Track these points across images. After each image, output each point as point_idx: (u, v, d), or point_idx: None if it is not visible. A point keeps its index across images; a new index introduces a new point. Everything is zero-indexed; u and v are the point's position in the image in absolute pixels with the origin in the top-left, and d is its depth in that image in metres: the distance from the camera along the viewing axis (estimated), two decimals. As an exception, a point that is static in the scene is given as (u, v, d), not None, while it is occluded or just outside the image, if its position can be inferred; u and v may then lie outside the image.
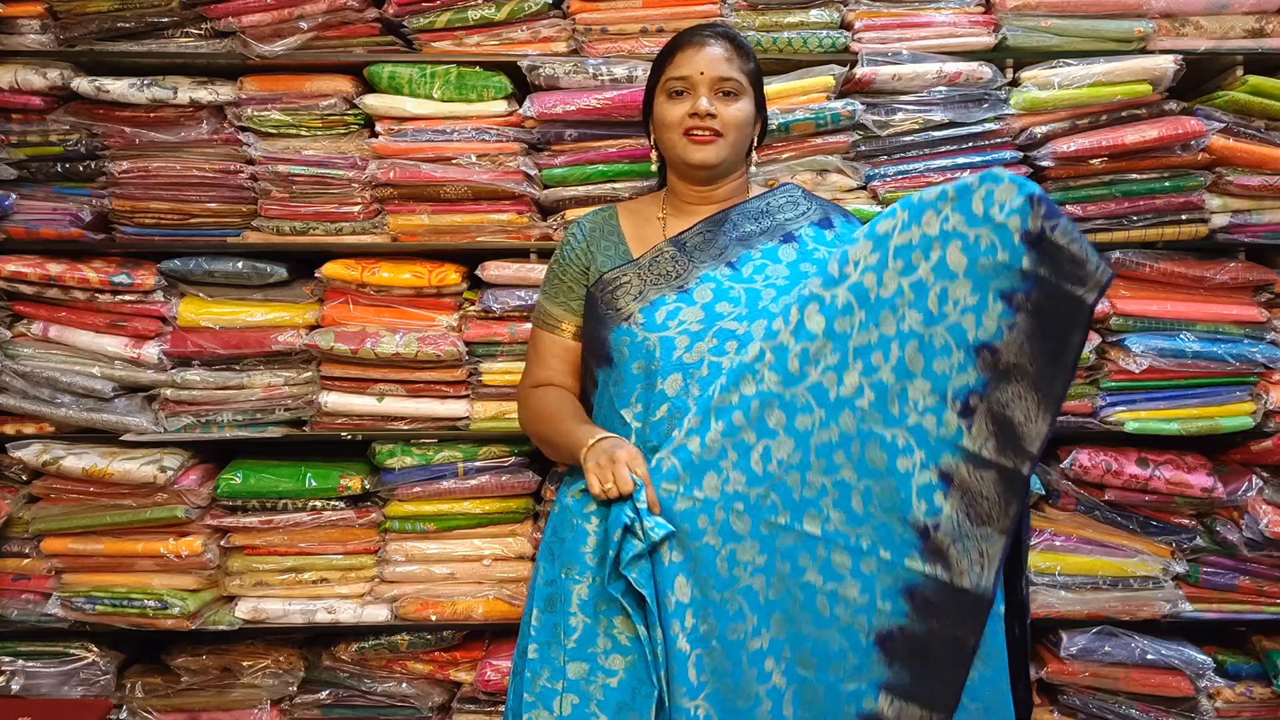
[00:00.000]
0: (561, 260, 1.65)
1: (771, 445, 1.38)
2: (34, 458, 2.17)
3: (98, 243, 2.19)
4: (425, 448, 2.21)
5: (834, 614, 1.38)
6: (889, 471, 1.35)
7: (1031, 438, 1.28)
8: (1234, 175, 2.10)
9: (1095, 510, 2.17)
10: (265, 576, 2.25)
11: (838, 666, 1.38)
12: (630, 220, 1.66)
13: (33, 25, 2.14)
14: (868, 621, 1.37)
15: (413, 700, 2.30)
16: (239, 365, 2.22)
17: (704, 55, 1.55)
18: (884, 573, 1.36)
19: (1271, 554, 2.18)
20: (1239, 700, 2.21)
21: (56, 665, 2.26)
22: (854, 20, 2.14)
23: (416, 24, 2.14)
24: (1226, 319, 2.14)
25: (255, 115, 2.15)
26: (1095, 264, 1.23)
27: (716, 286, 1.46)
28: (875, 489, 1.36)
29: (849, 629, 1.38)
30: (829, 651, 1.38)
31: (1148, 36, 2.12)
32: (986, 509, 1.31)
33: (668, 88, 1.58)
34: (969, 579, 1.31)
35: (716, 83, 1.54)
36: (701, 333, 1.45)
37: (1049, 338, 1.26)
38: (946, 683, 1.33)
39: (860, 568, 1.37)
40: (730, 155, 1.57)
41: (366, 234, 2.20)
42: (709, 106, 1.53)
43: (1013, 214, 1.25)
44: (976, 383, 1.30)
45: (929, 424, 1.33)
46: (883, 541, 1.36)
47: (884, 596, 1.36)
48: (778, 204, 1.62)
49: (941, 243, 1.30)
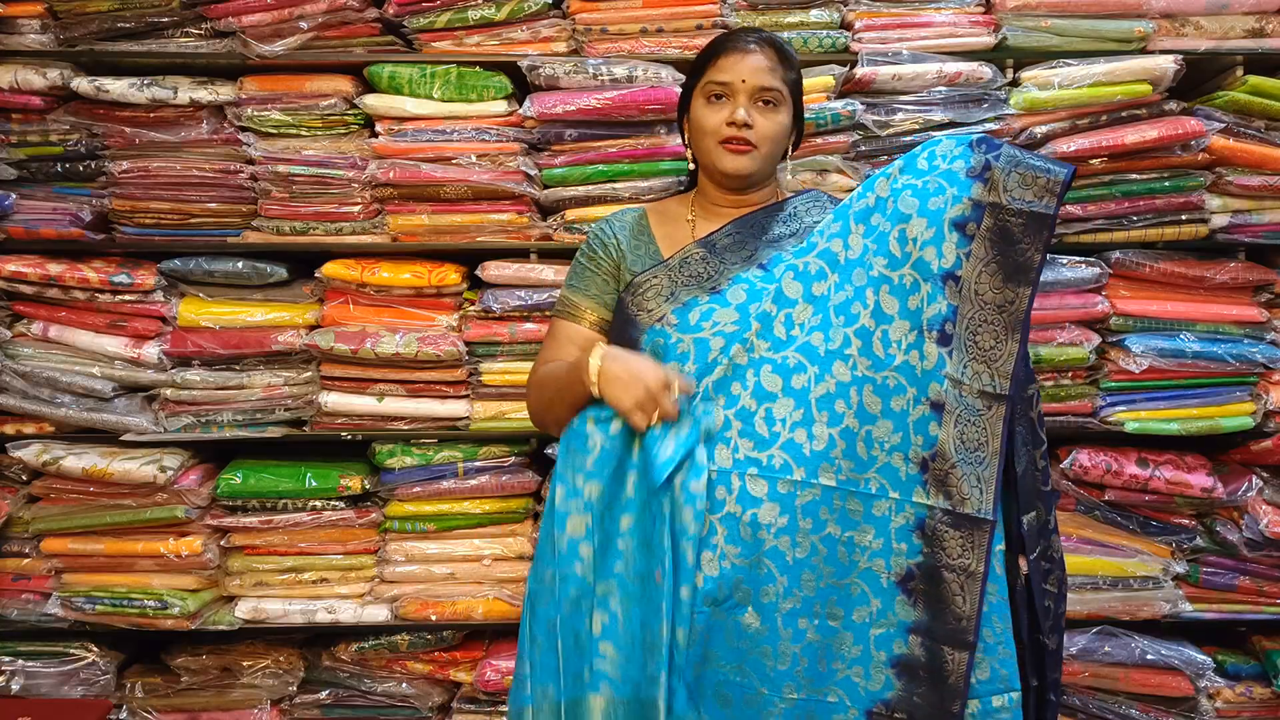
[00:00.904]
0: (591, 252, 1.61)
1: (773, 407, 1.40)
2: (34, 458, 2.17)
3: (98, 243, 2.19)
4: (425, 448, 2.21)
5: (854, 561, 1.40)
6: (885, 413, 1.40)
7: (1004, 358, 1.36)
8: (1234, 175, 2.10)
9: (1095, 510, 2.17)
10: (265, 576, 2.25)
11: (863, 612, 1.40)
12: (659, 221, 1.64)
13: (33, 25, 2.14)
14: (886, 564, 1.40)
15: (413, 700, 2.30)
16: (239, 365, 2.22)
17: (748, 63, 1.52)
18: (895, 513, 1.40)
19: (1271, 554, 2.18)
20: (1239, 700, 2.22)
21: (56, 665, 2.26)
22: (854, 20, 2.14)
23: (416, 24, 2.14)
24: (1226, 319, 2.14)
25: (255, 115, 2.15)
26: (1047, 174, 1.34)
27: (749, 288, 1.47)
28: (875, 432, 1.40)
29: (869, 573, 1.40)
30: (853, 599, 1.40)
31: (1148, 36, 2.13)
32: (976, 434, 1.37)
33: (707, 90, 1.55)
34: (971, 504, 1.36)
35: (758, 92, 1.52)
36: (737, 334, 1.45)
37: (1008, 261, 1.36)
38: (964, 616, 1.36)
39: (873, 511, 1.40)
40: (764, 166, 1.56)
41: (366, 234, 2.20)
42: (746, 116, 1.50)
43: (955, 159, 1.40)
44: (948, 310, 1.38)
45: (913, 359, 1.40)
46: (890, 483, 1.40)
47: (898, 537, 1.39)
48: (804, 207, 1.61)
49: (894, 198, 1.42)
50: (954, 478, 1.37)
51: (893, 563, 1.39)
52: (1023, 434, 1.43)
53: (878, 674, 1.39)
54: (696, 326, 1.46)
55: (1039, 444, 1.47)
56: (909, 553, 1.39)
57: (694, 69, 1.59)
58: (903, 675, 1.39)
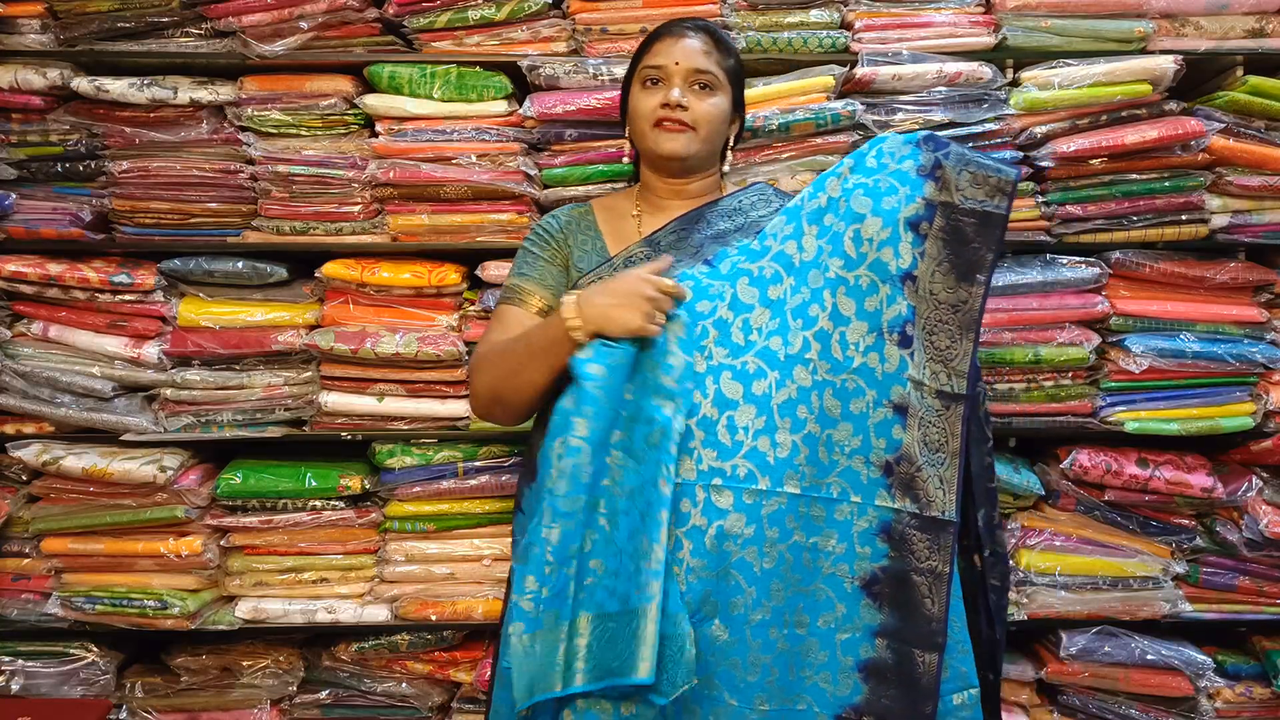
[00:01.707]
0: (541, 241, 1.59)
1: (734, 415, 1.38)
2: (34, 457, 2.17)
3: (98, 243, 2.19)
4: (425, 448, 2.21)
5: (818, 566, 1.39)
6: (845, 416, 1.39)
7: (959, 357, 1.37)
8: (1234, 175, 2.10)
9: (1095, 510, 2.17)
10: (265, 576, 2.25)
11: (828, 618, 1.39)
12: (606, 216, 1.64)
13: (33, 25, 2.14)
14: (850, 569, 1.39)
15: (413, 700, 2.30)
16: (239, 365, 2.22)
17: (680, 46, 1.53)
18: (858, 517, 1.39)
19: (1271, 554, 2.18)
20: (1239, 700, 2.22)
21: (56, 665, 2.26)
22: (854, 20, 2.14)
23: (416, 24, 2.14)
24: (1226, 319, 2.14)
25: (255, 115, 2.15)
26: (998, 174, 1.35)
27: (695, 285, 1.45)
28: (836, 436, 1.40)
29: (833, 578, 1.39)
30: (818, 605, 1.39)
31: (1148, 37, 2.12)
32: (938, 435, 1.38)
33: (642, 76, 1.56)
34: (936, 506, 1.37)
35: (691, 75, 1.52)
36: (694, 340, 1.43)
37: (960, 260, 1.37)
38: (933, 619, 1.36)
39: (835, 516, 1.39)
40: (701, 149, 1.55)
41: (366, 234, 2.20)
42: (680, 98, 1.51)
43: (905, 159, 1.40)
44: (908, 311, 1.39)
45: (872, 361, 1.39)
46: (852, 487, 1.39)
47: (861, 541, 1.39)
48: (750, 202, 1.61)
49: (845, 198, 1.41)
50: (920, 480, 1.37)
51: (856, 567, 1.39)
52: (975, 432, 1.43)
53: (845, 680, 1.38)
54: None
55: (985, 441, 1.47)
56: (872, 556, 1.39)
57: (632, 61, 1.60)
58: (871, 679, 1.38)
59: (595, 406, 1.30)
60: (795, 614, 1.39)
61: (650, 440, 1.34)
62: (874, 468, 1.39)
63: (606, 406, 1.32)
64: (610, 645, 1.31)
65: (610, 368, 1.32)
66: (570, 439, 1.29)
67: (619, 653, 1.31)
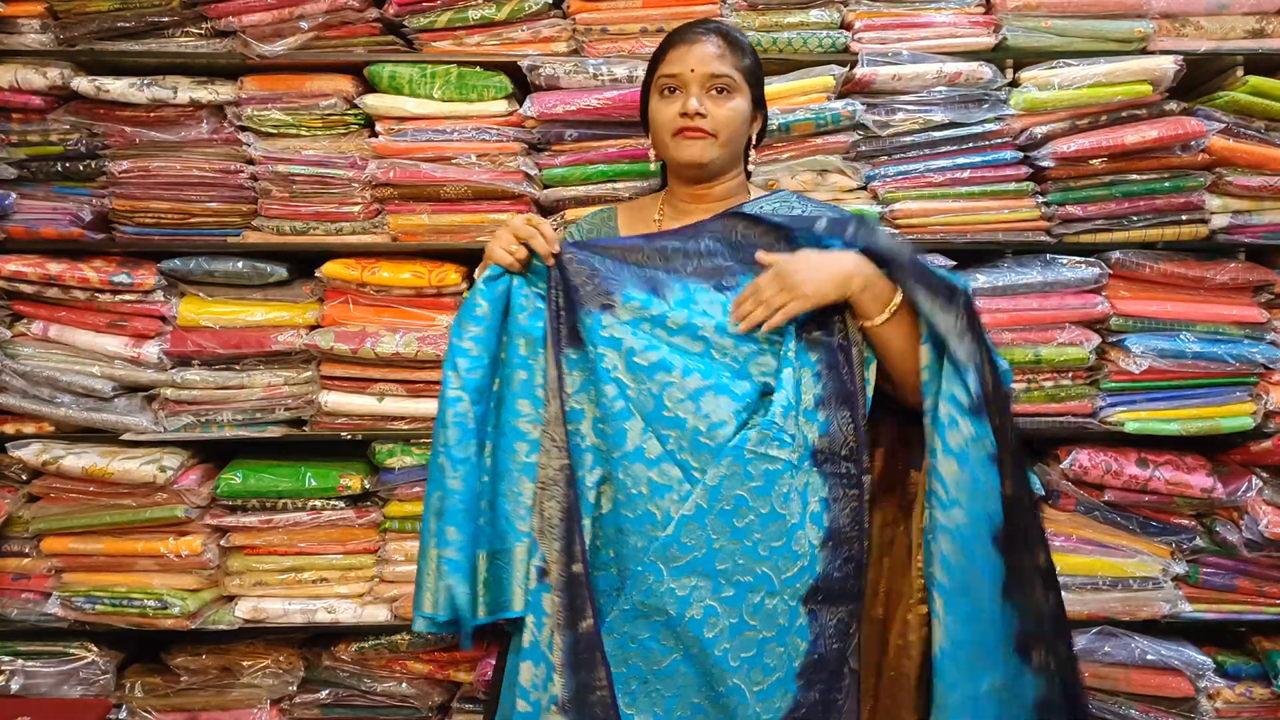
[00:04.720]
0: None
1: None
2: (34, 457, 2.17)
3: (98, 242, 2.19)
4: (425, 448, 2.21)
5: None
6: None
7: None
8: (1234, 176, 2.10)
9: (1095, 511, 2.17)
10: (265, 576, 2.25)
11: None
12: (628, 220, 1.65)
13: (33, 25, 2.14)
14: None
15: (413, 700, 2.30)
16: (239, 365, 2.22)
17: (695, 52, 1.52)
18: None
19: (1271, 554, 2.18)
20: (1239, 701, 2.22)
21: (56, 665, 2.26)
22: (854, 20, 2.14)
23: (417, 24, 2.14)
24: (1226, 319, 2.14)
25: (255, 115, 2.15)
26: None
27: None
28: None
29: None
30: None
31: (1148, 37, 2.13)
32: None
33: (659, 85, 1.56)
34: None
35: (708, 80, 1.52)
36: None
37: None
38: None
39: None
40: (722, 154, 1.55)
41: (366, 234, 2.20)
42: (699, 105, 1.50)
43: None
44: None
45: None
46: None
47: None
48: (771, 209, 1.60)
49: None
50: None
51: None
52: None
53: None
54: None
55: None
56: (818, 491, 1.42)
57: (648, 68, 1.60)
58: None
59: (465, 357, 1.41)
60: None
61: (512, 382, 1.42)
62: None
63: (483, 354, 1.42)
64: (496, 582, 1.40)
65: (492, 301, 1.43)
66: (448, 391, 1.40)
67: (504, 588, 1.40)
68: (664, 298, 1.42)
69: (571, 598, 1.36)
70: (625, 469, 1.37)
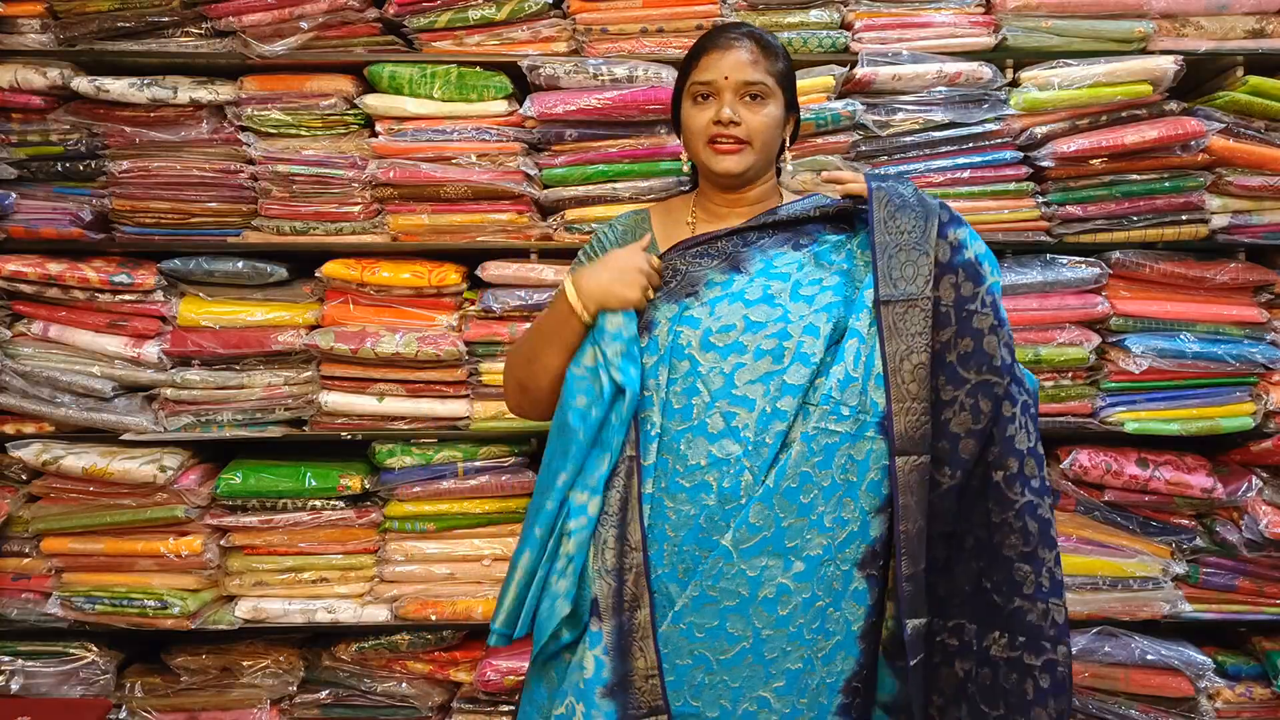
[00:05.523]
0: (593, 253, 1.61)
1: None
2: (34, 457, 2.17)
3: (98, 242, 2.19)
4: (425, 448, 2.21)
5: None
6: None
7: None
8: (1234, 176, 2.10)
9: (1095, 511, 2.17)
10: (265, 576, 2.25)
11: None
12: (662, 222, 1.63)
13: (33, 25, 2.14)
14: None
15: (413, 700, 2.30)
16: (239, 365, 2.22)
17: (729, 59, 1.50)
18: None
19: (1271, 554, 2.18)
20: (1239, 701, 2.21)
21: (56, 665, 2.26)
22: (854, 20, 2.14)
23: (417, 24, 2.14)
24: (1226, 319, 2.14)
25: (255, 115, 2.15)
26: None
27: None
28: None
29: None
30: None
31: (1148, 37, 2.13)
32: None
33: (692, 91, 1.54)
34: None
35: (742, 87, 1.49)
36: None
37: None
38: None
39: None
40: (757, 161, 1.53)
41: (366, 234, 2.20)
42: (733, 114, 1.48)
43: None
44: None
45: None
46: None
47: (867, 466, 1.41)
48: (805, 212, 1.60)
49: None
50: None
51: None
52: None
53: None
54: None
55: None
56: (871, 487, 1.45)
57: (680, 71, 1.58)
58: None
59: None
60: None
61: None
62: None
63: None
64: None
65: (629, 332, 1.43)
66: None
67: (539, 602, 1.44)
68: (745, 271, 1.46)
69: (621, 585, 1.38)
70: (688, 441, 1.39)
